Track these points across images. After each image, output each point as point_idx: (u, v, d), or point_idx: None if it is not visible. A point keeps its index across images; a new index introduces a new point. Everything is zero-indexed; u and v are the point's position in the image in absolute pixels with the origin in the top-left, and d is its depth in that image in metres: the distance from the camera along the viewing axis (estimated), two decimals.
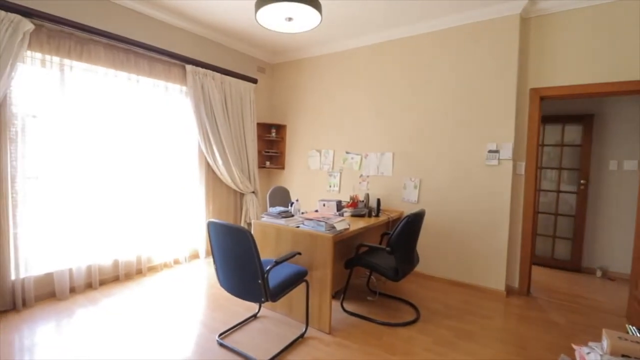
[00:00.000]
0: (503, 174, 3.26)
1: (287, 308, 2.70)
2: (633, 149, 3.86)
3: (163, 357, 2.11)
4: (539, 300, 3.20)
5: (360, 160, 4.21)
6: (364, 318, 2.71)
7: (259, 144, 4.89)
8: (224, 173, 4.21)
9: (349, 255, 3.03)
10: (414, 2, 3.18)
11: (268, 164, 5.04)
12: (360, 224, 2.94)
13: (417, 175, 3.78)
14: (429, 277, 3.71)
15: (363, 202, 3.61)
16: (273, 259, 2.21)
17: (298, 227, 2.63)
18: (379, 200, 3.57)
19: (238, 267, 2.06)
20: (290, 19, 2.39)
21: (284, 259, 2.22)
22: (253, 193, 4.62)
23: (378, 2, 3.20)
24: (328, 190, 4.52)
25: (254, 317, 2.69)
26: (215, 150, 4.04)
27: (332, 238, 2.40)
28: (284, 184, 4.95)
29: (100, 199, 3.19)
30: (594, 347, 1.51)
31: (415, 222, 2.66)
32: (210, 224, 2.12)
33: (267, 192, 3.97)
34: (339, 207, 3.39)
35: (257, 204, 4.63)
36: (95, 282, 3.14)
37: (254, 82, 4.58)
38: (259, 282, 1.98)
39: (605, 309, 3.05)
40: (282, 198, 4.01)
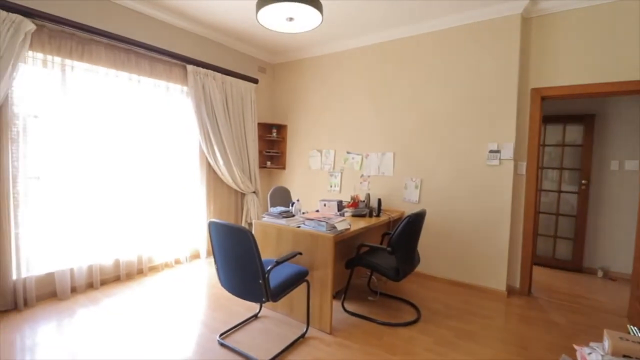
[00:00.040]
0: (504, 174, 3.26)
1: (288, 308, 2.71)
2: (634, 149, 3.85)
3: (164, 357, 2.11)
4: (540, 301, 3.20)
5: (361, 160, 4.21)
6: (365, 318, 2.71)
7: (260, 144, 4.89)
8: (225, 173, 4.22)
9: (350, 255, 3.03)
10: (415, 2, 3.17)
11: (269, 164, 5.04)
12: (361, 224, 2.94)
13: (418, 175, 3.78)
14: (430, 277, 3.71)
15: (364, 202, 3.61)
16: (274, 259, 2.21)
17: (299, 227, 2.63)
18: (380, 200, 3.57)
19: (239, 267, 2.06)
20: (291, 19, 2.39)
21: (285, 259, 2.22)
22: (254, 193, 4.62)
23: (379, 2, 3.20)
24: (329, 190, 4.52)
25: (255, 317, 2.69)
26: (216, 150, 4.05)
27: (333, 238, 2.40)
28: (285, 184, 4.95)
29: (102, 199, 3.20)
30: (595, 347, 1.51)
31: (416, 222, 2.66)
32: (211, 224, 2.12)
33: (268, 192, 3.98)
34: (340, 207, 3.39)
35: (258, 204, 4.63)
36: (97, 282, 3.14)
37: (255, 82, 4.58)
38: (260, 282, 1.98)
39: (607, 309, 3.05)
40: (283, 198, 4.01)
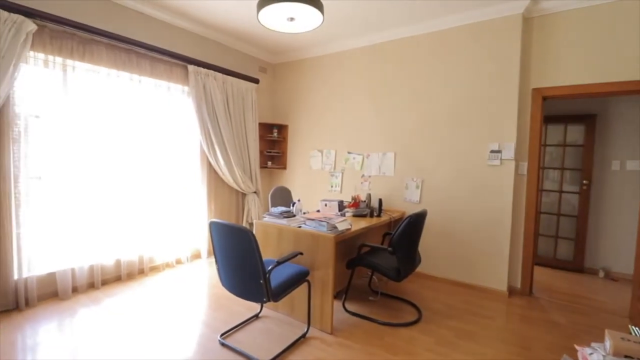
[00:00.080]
0: (505, 174, 3.25)
1: (288, 308, 2.71)
2: (636, 149, 3.84)
3: (165, 356, 2.12)
4: (541, 301, 3.19)
5: (362, 160, 4.21)
6: (366, 318, 2.71)
7: (261, 144, 4.89)
8: (226, 173, 4.22)
9: (351, 256, 3.03)
10: (416, 2, 3.17)
11: (270, 164, 5.04)
12: (362, 224, 2.94)
13: (419, 175, 3.77)
14: (431, 277, 3.71)
15: (365, 202, 3.61)
16: (275, 259, 2.21)
17: (300, 227, 2.63)
18: (381, 201, 3.56)
19: (240, 267, 2.06)
20: (292, 19, 2.39)
21: (286, 259, 2.22)
22: (255, 193, 4.62)
23: (380, 2, 3.19)
24: (330, 190, 4.52)
25: (256, 317, 2.69)
26: (217, 150, 4.05)
27: (333, 238, 2.40)
28: (286, 184, 4.95)
29: (103, 199, 3.20)
30: (597, 347, 1.51)
31: (417, 222, 2.66)
32: (212, 224, 2.13)
33: (268, 192, 3.98)
34: (341, 207, 3.39)
35: (258, 204, 4.63)
36: (98, 281, 3.15)
37: (256, 82, 4.58)
38: (261, 282, 1.98)
39: (608, 310, 3.04)
40: (283, 198, 4.01)
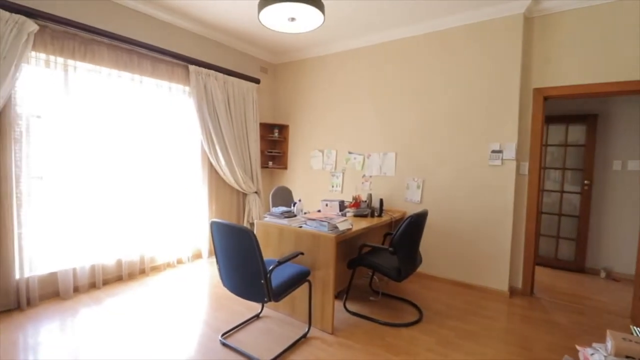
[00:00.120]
0: (506, 174, 3.25)
1: (289, 308, 2.71)
2: (637, 149, 3.83)
3: (166, 356, 2.12)
4: (543, 301, 3.19)
5: (363, 161, 4.21)
6: (367, 318, 2.71)
7: (262, 144, 4.89)
8: (227, 173, 4.22)
9: (352, 256, 3.02)
10: (417, 2, 3.17)
11: (271, 164, 5.04)
12: (363, 224, 2.94)
13: (420, 176, 3.77)
14: (432, 277, 3.70)
15: (366, 202, 3.61)
16: (276, 259, 2.21)
17: (301, 227, 2.63)
18: (382, 201, 3.56)
19: (241, 266, 2.06)
20: (293, 19, 2.39)
21: (287, 259, 2.22)
22: (256, 193, 4.63)
23: (381, 2, 3.19)
24: (331, 191, 4.52)
25: (257, 317, 2.70)
26: (218, 151, 4.05)
27: (334, 238, 2.40)
28: (287, 184, 4.95)
29: (104, 199, 3.20)
30: (598, 348, 1.51)
31: (418, 222, 2.66)
32: (213, 224, 2.13)
33: (269, 192, 3.98)
34: (342, 207, 3.39)
35: (259, 204, 4.63)
36: (99, 281, 3.15)
37: (257, 82, 4.59)
38: (262, 282, 1.99)
39: (610, 310, 3.04)
40: (284, 198, 4.01)
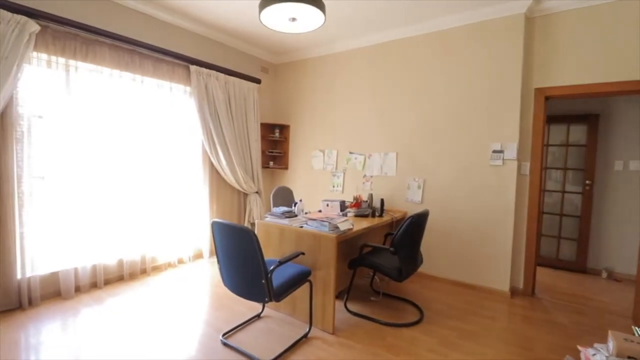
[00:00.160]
0: (507, 174, 3.24)
1: (290, 308, 2.71)
2: (639, 150, 3.82)
3: (167, 356, 2.12)
4: (544, 301, 3.18)
5: (364, 161, 4.21)
6: (368, 318, 2.71)
7: (263, 144, 4.89)
8: (228, 173, 4.22)
9: (353, 256, 3.02)
10: (417, 1, 3.17)
11: (272, 164, 5.05)
12: (364, 224, 2.94)
13: (420, 176, 3.77)
14: (433, 277, 3.70)
15: (367, 202, 3.61)
16: (277, 259, 2.21)
17: (302, 227, 2.63)
18: (383, 201, 3.56)
19: (242, 266, 2.07)
20: (294, 19, 2.39)
21: (288, 259, 2.22)
22: (257, 193, 4.63)
23: (381, 2, 3.19)
24: (331, 191, 4.52)
25: (258, 316, 2.70)
26: (219, 151, 4.06)
27: (335, 238, 2.40)
28: (288, 184, 4.95)
29: (105, 199, 3.21)
30: (600, 348, 1.51)
31: (419, 222, 2.65)
32: (214, 224, 2.13)
33: (270, 192, 3.98)
34: (343, 207, 3.39)
35: (260, 204, 4.64)
36: (100, 281, 3.16)
37: (258, 82, 4.59)
38: (263, 282, 1.99)
39: (611, 310, 3.03)
40: (285, 198, 4.01)
